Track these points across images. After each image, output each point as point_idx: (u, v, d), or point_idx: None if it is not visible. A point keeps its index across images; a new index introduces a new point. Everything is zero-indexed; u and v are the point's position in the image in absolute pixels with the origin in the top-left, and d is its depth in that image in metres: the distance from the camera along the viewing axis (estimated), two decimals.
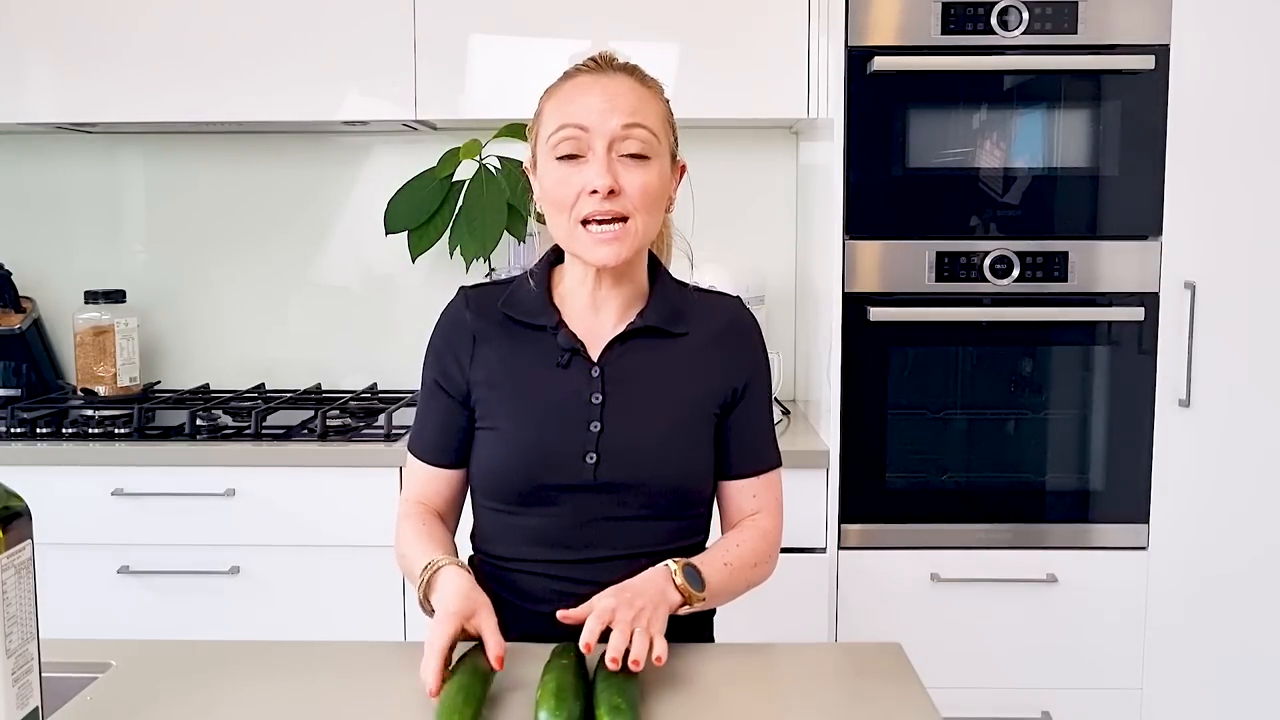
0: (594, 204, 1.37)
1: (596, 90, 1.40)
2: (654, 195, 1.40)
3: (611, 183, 1.37)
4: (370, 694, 1.27)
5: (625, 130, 1.38)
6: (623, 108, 1.39)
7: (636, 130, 1.39)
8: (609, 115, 1.38)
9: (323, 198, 2.92)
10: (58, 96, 2.56)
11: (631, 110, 1.39)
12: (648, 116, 1.40)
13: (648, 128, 1.40)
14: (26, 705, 1.07)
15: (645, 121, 1.40)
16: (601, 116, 1.38)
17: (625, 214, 1.38)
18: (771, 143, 2.86)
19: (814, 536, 2.33)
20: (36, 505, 1.11)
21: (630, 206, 1.38)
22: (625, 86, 1.41)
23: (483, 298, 1.51)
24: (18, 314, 2.82)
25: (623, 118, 1.38)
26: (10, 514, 1.06)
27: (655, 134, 1.41)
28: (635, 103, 1.40)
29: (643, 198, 1.39)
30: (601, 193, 1.37)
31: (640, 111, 1.40)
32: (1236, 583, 2.33)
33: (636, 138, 1.39)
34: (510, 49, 2.50)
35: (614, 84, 1.41)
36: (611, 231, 1.38)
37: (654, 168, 1.40)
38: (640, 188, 1.38)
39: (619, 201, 1.38)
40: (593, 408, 1.43)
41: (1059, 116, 2.31)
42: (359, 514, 2.32)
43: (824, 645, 2.13)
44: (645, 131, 1.39)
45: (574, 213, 1.39)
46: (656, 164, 1.41)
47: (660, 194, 1.43)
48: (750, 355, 1.52)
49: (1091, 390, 2.35)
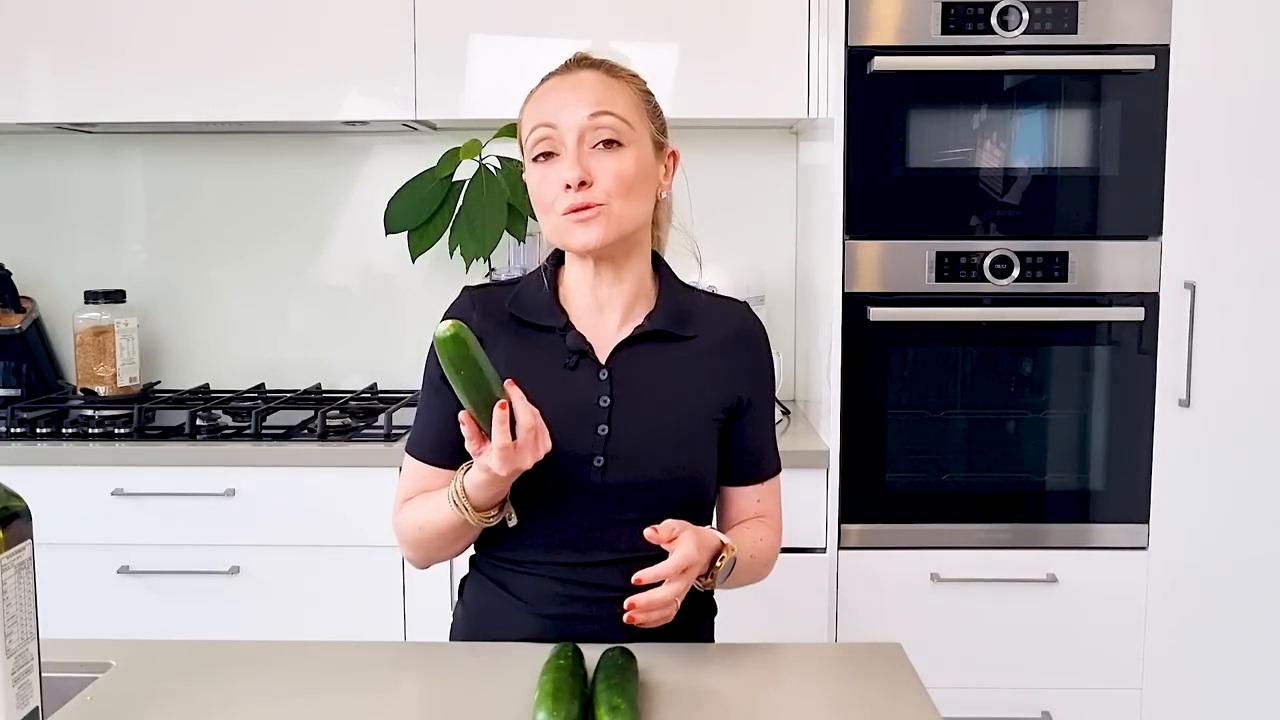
0: (569, 197, 1.39)
1: (563, 88, 1.43)
2: (629, 180, 1.40)
3: (581, 174, 1.38)
4: (370, 694, 1.27)
5: (592, 120, 1.39)
6: (588, 99, 1.40)
7: (604, 118, 1.40)
8: (575, 108, 1.40)
9: (323, 198, 2.92)
10: (58, 96, 2.56)
11: (597, 100, 1.40)
12: (615, 104, 1.41)
13: (615, 114, 1.40)
14: (26, 705, 1.07)
15: (612, 109, 1.41)
16: (568, 111, 1.40)
17: (599, 202, 1.39)
18: (771, 143, 2.86)
19: (814, 536, 2.33)
20: (36, 505, 1.11)
21: (603, 194, 1.39)
22: (590, 79, 1.43)
23: (488, 298, 1.50)
24: (18, 314, 2.81)
25: (588, 108, 1.40)
26: (10, 514, 1.06)
27: (626, 120, 1.41)
28: (601, 92, 1.41)
29: (617, 183, 1.39)
30: (574, 185, 1.38)
31: (606, 100, 1.41)
32: (1236, 583, 2.33)
33: (605, 125, 1.40)
34: (510, 49, 2.50)
35: (580, 79, 1.43)
36: (588, 214, 1.39)
37: (628, 154, 1.41)
38: (613, 174, 1.39)
39: (591, 192, 1.39)
40: (600, 410, 1.42)
41: (1059, 116, 2.31)
42: (359, 514, 2.32)
43: (824, 645, 2.13)
44: (613, 118, 1.40)
45: (554, 209, 1.41)
46: (631, 150, 1.41)
47: (639, 179, 1.42)
48: (758, 363, 1.52)
49: (1091, 390, 2.35)
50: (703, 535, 1.35)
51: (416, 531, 1.45)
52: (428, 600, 2.34)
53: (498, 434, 1.26)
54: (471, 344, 1.24)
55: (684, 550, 1.30)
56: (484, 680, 1.29)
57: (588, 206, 1.39)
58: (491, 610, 1.48)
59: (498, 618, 1.47)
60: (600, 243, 1.40)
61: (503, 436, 1.26)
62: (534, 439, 1.29)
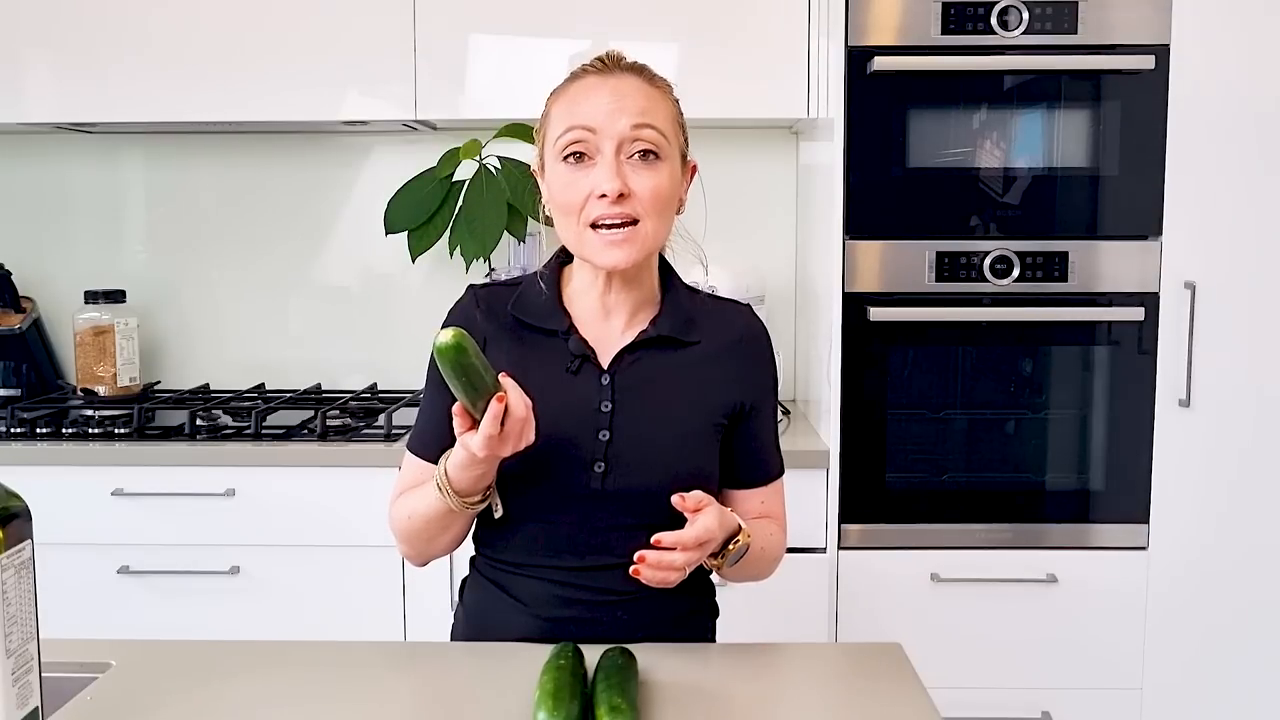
0: (602, 207, 1.35)
1: (604, 91, 1.38)
2: (665, 198, 1.38)
3: (621, 186, 1.34)
4: (370, 694, 1.27)
5: (634, 131, 1.36)
6: (631, 108, 1.36)
7: (646, 131, 1.36)
8: (617, 116, 1.35)
9: (323, 198, 2.92)
10: (58, 96, 2.56)
11: (640, 110, 1.37)
12: (657, 117, 1.38)
13: (657, 128, 1.37)
14: (26, 705, 1.07)
15: (654, 122, 1.37)
16: (610, 117, 1.35)
17: (635, 217, 1.36)
18: (771, 143, 2.86)
19: (814, 536, 2.33)
20: (36, 505, 1.11)
21: (640, 209, 1.36)
22: (633, 86, 1.39)
23: (492, 298, 1.49)
24: (18, 314, 2.81)
25: (631, 118, 1.36)
26: (10, 514, 1.06)
27: (665, 134, 1.38)
28: (644, 103, 1.38)
29: (653, 201, 1.36)
30: (611, 196, 1.34)
31: (649, 112, 1.37)
32: (1236, 582, 2.33)
33: (646, 139, 1.36)
34: (510, 49, 2.50)
35: (622, 84, 1.39)
36: (621, 234, 1.36)
37: (664, 169, 1.38)
38: (651, 190, 1.36)
39: (628, 205, 1.35)
40: (602, 415, 1.41)
41: (1059, 116, 2.31)
42: (359, 514, 2.32)
43: (824, 645, 2.13)
44: (654, 132, 1.37)
45: (582, 216, 1.37)
46: (667, 165, 1.38)
47: (671, 196, 1.40)
48: (762, 368, 1.51)
49: (1091, 390, 2.35)
50: (725, 516, 1.35)
51: (407, 521, 1.44)
52: (428, 600, 2.34)
53: (487, 421, 1.25)
54: (472, 349, 1.24)
55: (705, 523, 1.30)
56: (484, 680, 1.29)
57: (623, 224, 1.36)
58: (491, 612, 1.48)
59: (497, 619, 1.47)
60: (629, 264, 1.37)
61: (491, 426, 1.25)
62: (520, 429, 1.28)
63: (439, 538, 1.44)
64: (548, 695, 1.14)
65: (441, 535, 1.44)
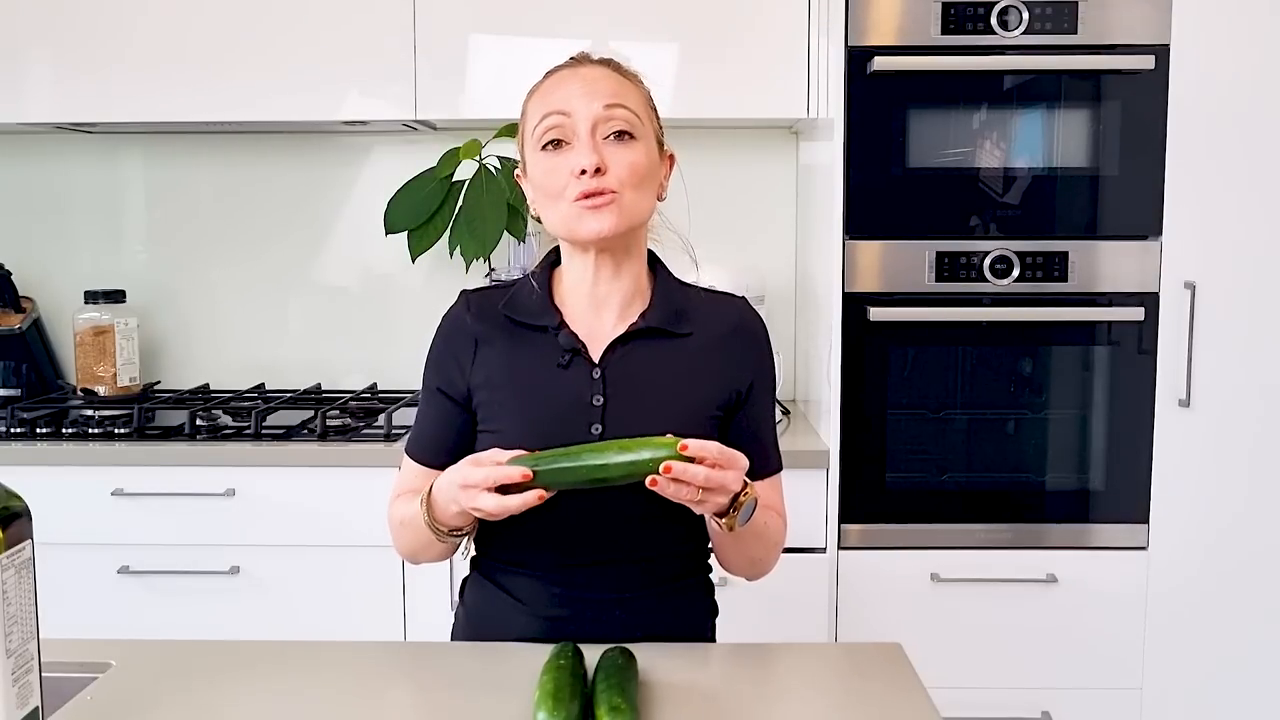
0: (582, 184, 1.38)
1: (575, 79, 1.43)
2: (641, 172, 1.41)
3: (598, 160, 1.37)
4: (370, 694, 1.27)
5: (607, 111, 1.40)
6: (603, 90, 1.41)
7: (618, 110, 1.40)
8: (590, 99, 1.40)
9: (323, 198, 2.92)
10: (58, 96, 2.56)
11: (612, 93, 1.41)
12: (629, 99, 1.42)
13: (629, 108, 1.41)
14: (26, 705, 1.07)
15: (626, 103, 1.42)
16: (583, 100, 1.40)
17: (613, 189, 1.39)
18: (771, 143, 2.86)
19: (814, 536, 2.33)
20: (36, 505, 1.11)
21: (617, 182, 1.39)
22: (603, 73, 1.44)
23: (484, 301, 1.50)
24: (18, 314, 2.82)
25: (602, 99, 1.40)
26: (10, 514, 1.06)
27: (638, 115, 1.42)
28: (614, 86, 1.42)
29: (630, 174, 1.39)
30: (589, 171, 1.37)
31: (620, 94, 1.42)
32: (1236, 583, 2.33)
33: (619, 118, 1.40)
34: (510, 49, 2.51)
35: (592, 72, 1.44)
36: (602, 200, 1.38)
37: (639, 147, 1.41)
38: (628, 165, 1.39)
39: (606, 179, 1.38)
40: (594, 410, 1.42)
41: (1059, 116, 2.31)
42: (359, 514, 2.32)
43: (824, 645, 2.13)
44: (627, 111, 1.41)
45: (565, 196, 1.39)
46: (642, 144, 1.42)
47: (648, 172, 1.43)
48: (756, 357, 1.51)
49: (1091, 390, 2.35)
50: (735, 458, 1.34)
51: (399, 527, 1.47)
52: (428, 600, 2.34)
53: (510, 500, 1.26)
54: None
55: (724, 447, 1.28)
56: (484, 680, 1.29)
57: (601, 193, 1.38)
58: (491, 611, 1.49)
59: (498, 619, 1.47)
60: (612, 230, 1.39)
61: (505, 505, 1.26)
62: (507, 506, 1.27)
63: (425, 551, 1.46)
64: (548, 695, 1.14)
65: (426, 551, 1.46)
